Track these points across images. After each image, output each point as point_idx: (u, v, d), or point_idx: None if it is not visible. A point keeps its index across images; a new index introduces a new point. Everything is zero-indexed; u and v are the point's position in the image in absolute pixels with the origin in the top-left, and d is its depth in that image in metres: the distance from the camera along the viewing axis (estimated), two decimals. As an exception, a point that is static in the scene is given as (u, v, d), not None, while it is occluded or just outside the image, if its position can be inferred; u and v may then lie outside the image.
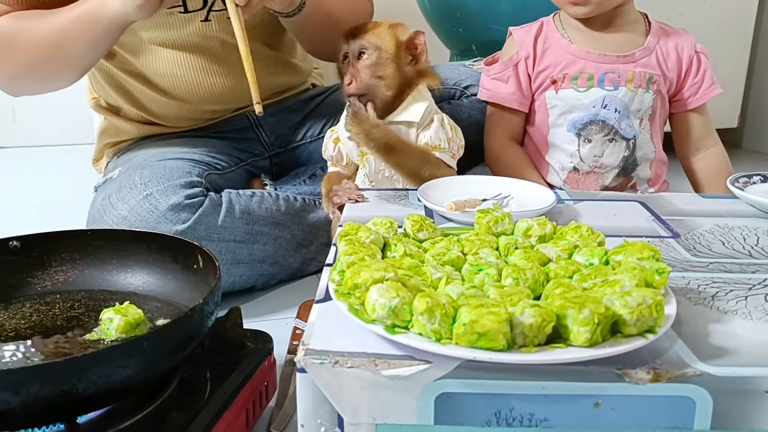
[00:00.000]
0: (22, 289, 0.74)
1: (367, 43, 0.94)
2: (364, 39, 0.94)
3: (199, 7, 1.07)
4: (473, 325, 0.48)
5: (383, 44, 0.94)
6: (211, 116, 1.23)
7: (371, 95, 0.94)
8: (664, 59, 1.06)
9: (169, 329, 0.57)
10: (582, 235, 0.67)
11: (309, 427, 0.54)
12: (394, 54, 0.94)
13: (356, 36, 0.95)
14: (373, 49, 0.93)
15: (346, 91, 0.95)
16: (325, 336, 0.56)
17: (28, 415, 0.50)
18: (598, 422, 0.52)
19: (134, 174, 0.98)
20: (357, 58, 0.95)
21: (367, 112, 0.92)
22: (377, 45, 0.94)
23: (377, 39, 0.94)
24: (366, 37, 0.94)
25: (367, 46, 0.94)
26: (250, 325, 0.75)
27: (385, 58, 0.93)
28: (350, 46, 0.95)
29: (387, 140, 0.91)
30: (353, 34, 0.95)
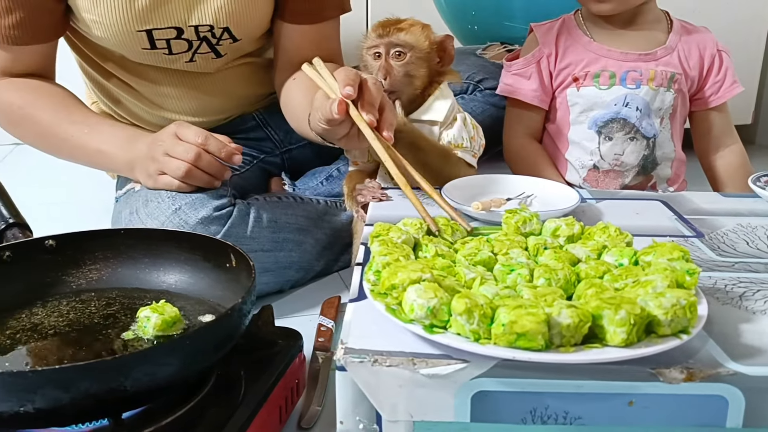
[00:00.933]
0: (58, 287, 0.75)
1: (403, 42, 0.94)
2: (399, 37, 0.94)
3: (183, 50, 1.07)
4: (512, 326, 0.49)
5: (418, 44, 0.94)
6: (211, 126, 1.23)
7: (399, 93, 0.94)
8: (686, 58, 1.06)
9: (211, 328, 0.58)
10: (610, 235, 0.68)
11: (348, 424, 0.56)
12: (426, 55, 0.95)
13: (390, 33, 0.94)
14: (408, 49, 0.94)
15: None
16: (362, 335, 0.57)
17: (77, 411, 0.52)
18: (632, 420, 0.54)
19: None
20: (392, 56, 0.94)
21: (395, 110, 0.93)
22: (412, 45, 0.94)
23: (413, 39, 0.94)
24: (401, 36, 0.94)
25: (403, 44, 0.94)
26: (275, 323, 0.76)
27: (417, 58, 0.94)
28: (384, 42, 0.94)
29: (413, 139, 0.92)
30: (387, 31, 0.95)
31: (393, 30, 0.94)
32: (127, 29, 1.01)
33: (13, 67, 1.03)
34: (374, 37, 0.95)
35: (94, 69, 1.15)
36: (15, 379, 0.48)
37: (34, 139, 1.07)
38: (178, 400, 0.60)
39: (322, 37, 1.11)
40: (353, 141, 0.86)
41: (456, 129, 0.97)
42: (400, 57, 0.94)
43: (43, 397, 0.49)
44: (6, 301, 0.71)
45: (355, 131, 0.84)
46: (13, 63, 1.03)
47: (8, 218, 0.78)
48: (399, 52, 0.94)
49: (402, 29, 0.94)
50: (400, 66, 0.94)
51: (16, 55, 1.02)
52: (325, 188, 1.24)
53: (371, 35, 0.96)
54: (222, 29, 1.06)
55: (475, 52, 1.34)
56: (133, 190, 1.02)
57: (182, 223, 0.93)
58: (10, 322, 0.69)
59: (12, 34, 0.98)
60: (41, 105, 1.03)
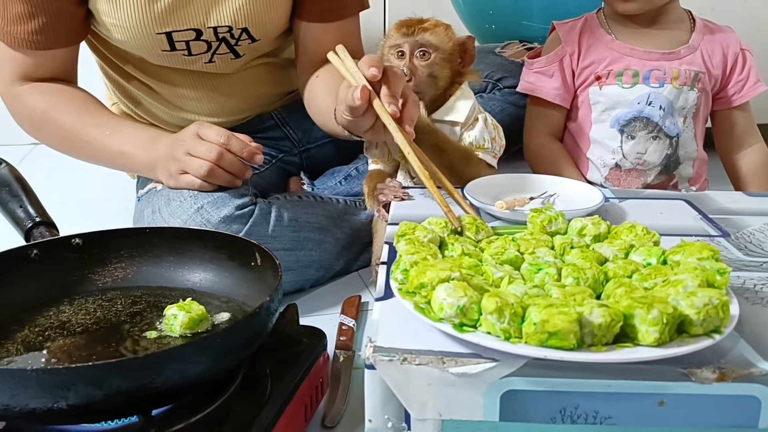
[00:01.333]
0: (84, 285, 0.76)
1: (428, 42, 0.93)
2: (424, 37, 0.93)
3: (202, 51, 1.07)
4: (544, 325, 0.49)
5: (442, 45, 0.94)
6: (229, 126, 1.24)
7: (422, 93, 0.94)
8: (709, 56, 1.06)
9: (240, 326, 0.58)
10: (637, 234, 0.67)
11: (377, 422, 0.56)
12: (450, 56, 0.94)
13: (416, 33, 0.94)
14: (433, 49, 0.93)
15: None
16: (390, 333, 0.57)
17: (109, 408, 0.52)
18: (662, 420, 0.53)
19: None
20: (416, 56, 0.94)
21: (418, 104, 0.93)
22: (437, 45, 0.93)
23: (437, 39, 0.94)
24: (427, 36, 0.93)
25: (428, 45, 0.93)
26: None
27: (441, 59, 0.94)
28: (409, 41, 0.94)
29: (437, 141, 0.92)
30: (412, 30, 0.94)
31: (418, 30, 0.94)
32: (147, 32, 1.02)
33: (35, 71, 1.04)
34: (398, 35, 0.94)
35: (114, 71, 1.16)
36: (49, 375, 0.49)
37: (57, 142, 1.08)
38: (205, 398, 0.61)
39: (342, 35, 1.11)
40: (379, 133, 0.85)
41: (477, 130, 0.96)
42: (425, 57, 0.93)
43: (76, 393, 0.50)
44: (34, 298, 0.72)
45: (380, 124, 0.83)
46: (36, 68, 1.04)
47: (35, 217, 0.78)
48: (424, 52, 0.93)
49: (427, 29, 0.94)
50: (424, 66, 0.93)
51: (39, 60, 1.03)
52: (343, 188, 1.24)
53: (394, 33, 0.95)
54: (240, 30, 1.06)
55: (494, 51, 1.34)
56: (154, 190, 1.03)
57: (204, 222, 0.93)
58: (39, 319, 0.70)
59: (35, 39, 0.99)
60: (64, 109, 1.04)
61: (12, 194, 0.80)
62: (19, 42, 1.00)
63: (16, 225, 0.79)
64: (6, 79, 1.05)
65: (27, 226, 0.78)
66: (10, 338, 0.66)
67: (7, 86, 1.06)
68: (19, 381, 0.49)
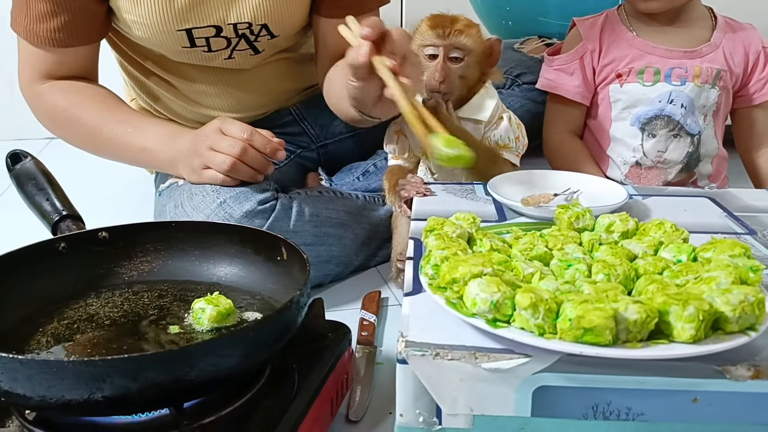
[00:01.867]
0: (110, 278, 0.76)
1: (462, 45, 0.93)
2: (459, 41, 0.93)
3: (222, 47, 1.08)
4: (580, 321, 0.49)
5: (474, 48, 0.93)
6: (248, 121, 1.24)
7: (450, 94, 0.94)
8: (730, 54, 1.05)
9: (272, 320, 0.58)
10: (666, 231, 0.67)
11: (408, 417, 0.56)
12: (480, 58, 0.94)
13: (451, 35, 0.93)
14: (467, 53, 0.93)
15: (431, 87, 0.94)
16: (421, 328, 0.57)
17: (143, 400, 0.52)
18: (695, 417, 0.53)
19: None
20: (450, 60, 0.93)
21: (447, 111, 0.93)
22: (470, 48, 0.93)
23: (471, 42, 0.93)
24: (461, 39, 0.93)
25: (462, 48, 0.93)
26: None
27: (473, 61, 0.93)
28: (444, 44, 0.93)
29: (464, 141, 0.91)
30: (446, 32, 0.93)
31: (453, 32, 0.93)
32: (168, 29, 1.02)
33: (57, 69, 1.05)
34: (432, 36, 0.93)
35: (133, 67, 1.16)
36: (86, 367, 0.49)
37: (79, 140, 1.09)
38: (234, 392, 0.61)
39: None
40: (387, 107, 0.84)
41: (503, 129, 0.96)
42: (458, 61, 0.93)
43: (112, 385, 0.50)
44: (62, 291, 0.72)
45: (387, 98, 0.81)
46: (58, 66, 1.04)
47: (62, 210, 0.79)
48: (457, 57, 0.93)
49: (461, 32, 0.93)
50: (457, 69, 0.93)
51: (61, 58, 1.04)
52: (361, 183, 1.24)
53: (427, 33, 0.94)
54: (260, 26, 1.06)
55: (513, 47, 1.34)
56: (176, 184, 1.03)
57: (227, 216, 0.94)
58: (67, 312, 0.70)
59: (57, 36, 1.00)
60: (86, 107, 1.05)
61: (38, 187, 0.80)
62: (42, 40, 1.00)
63: (43, 218, 0.79)
64: (28, 77, 1.06)
65: (54, 220, 0.78)
66: (39, 330, 0.66)
67: (29, 84, 1.06)
68: (56, 372, 0.49)
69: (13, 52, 1.06)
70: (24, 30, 1.01)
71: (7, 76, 1.85)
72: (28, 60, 1.05)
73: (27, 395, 0.51)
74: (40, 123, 1.11)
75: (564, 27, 1.31)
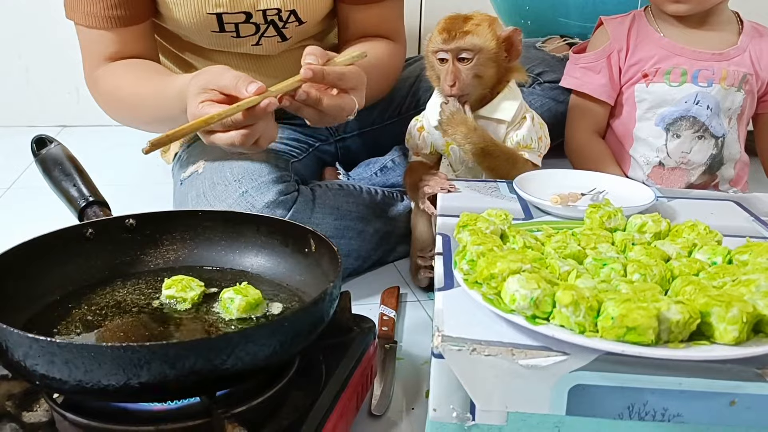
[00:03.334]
0: (136, 266, 0.76)
1: (470, 45, 0.91)
2: (466, 41, 0.91)
3: (251, 33, 1.08)
4: (623, 319, 0.49)
5: (485, 45, 0.91)
6: None
7: (468, 95, 0.93)
8: (757, 59, 1.05)
9: (307, 311, 0.58)
10: (699, 233, 0.67)
11: (441, 412, 0.55)
12: (494, 54, 0.92)
13: (456, 38, 0.91)
14: (476, 51, 0.91)
15: (446, 92, 0.93)
16: (457, 324, 0.57)
17: (178, 387, 0.52)
18: (732, 420, 0.53)
19: (224, 169, 0.99)
20: (459, 60, 0.92)
21: (465, 114, 0.92)
22: (480, 46, 0.91)
23: (480, 40, 0.91)
24: (468, 38, 0.91)
25: (470, 48, 0.91)
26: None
27: (485, 59, 0.92)
28: (451, 47, 0.91)
29: (484, 145, 0.91)
30: (453, 34, 0.91)
31: (458, 34, 0.91)
32: (198, 10, 1.03)
33: (117, 51, 1.05)
34: (439, 41, 0.92)
35: (161, 52, 1.16)
36: (125, 352, 0.49)
37: (129, 117, 1.08)
38: (264, 383, 0.60)
39: (383, 18, 1.11)
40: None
41: (525, 129, 0.96)
42: (467, 61, 0.92)
43: (149, 371, 0.50)
44: (89, 277, 0.72)
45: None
46: (118, 47, 1.04)
47: (88, 196, 0.78)
48: (465, 57, 0.91)
49: (468, 31, 0.91)
50: (467, 69, 0.92)
51: (120, 38, 1.04)
52: (379, 179, 1.24)
53: (436, 38, 0.93)
54: (289, 12, 1.07)
55: (535, 45, 1.33)
56: (197, 173, 1.03)
57: (249, 207, 0.93)
58: (95, 298, 0.70)
59: (113, 14, 1.01)
60: (127, 82, 1.04)
61: (65, 173, 0.80)
62: (99, 20, 1.01)
63: (70, 204, 0.79)
64: (89, 68, 1.07)
65: (81, 206, 0.78)
66: (67, 316, 0.66)
67: (90, 75, 1.07)
68: (94, 357, 0.49)
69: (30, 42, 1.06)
70: (82, 15, 1.02)
71: (24, 65, 1.85)
72: (88, 50, 1.06)
73: (63, 379, 0.50)
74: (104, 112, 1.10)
75: (584, 27, 1.31)
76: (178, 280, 0.69)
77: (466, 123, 0.92)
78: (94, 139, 1.90)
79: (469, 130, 0.91)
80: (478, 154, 0.93)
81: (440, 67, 0.94)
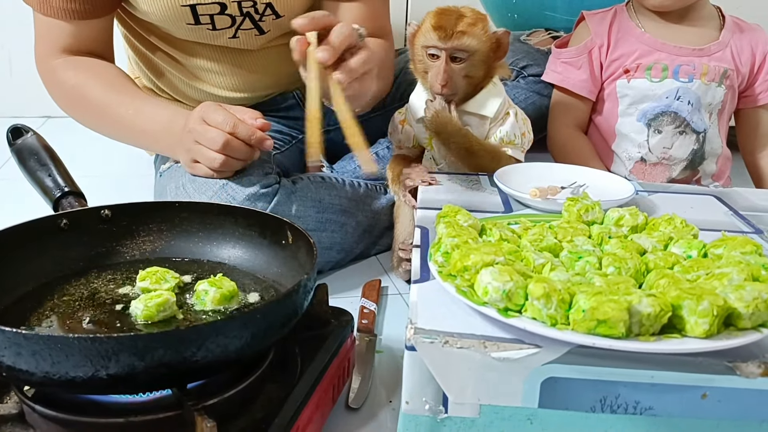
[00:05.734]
0: (112, 257, 0.75)
1: (465, 46, 0.90)
2: (463, 42, 0.89)
3: (227, 26, 1.06)
4: (594, 312, 0.49)
5: (479, 47, 0.90)
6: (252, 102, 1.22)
7: (455, 94, 0.93)
8: (738, 54, 1.05)
9: (280, 303, 0.58)
10: (676, 227, 0.67)
11: (414, 404, 0.55)
12: (486, 55, 0.91)
13: (454, 36, 0.89)
14: (471, 53, 0.90)
15: (435, 90, 0.92)
16: (430, 316, 0.56)
17: (148, 379, 0.52)
18: (704, 413, 0.53)
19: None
20: (452, 59, 0.91)
21: (450, 114, 0.91)
22: (475, 48, 0.90)
23: (475, 41, 0.90)
24: (464, 39, 0.89)
25: (465, 49, 0.90)
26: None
27: (478, 60, 0.91)
28: (447, 46, 0.90)
29: (468, 145, 0.91)
30: (449, 33, 0.90)
31: (455, 34, 0.89)
32: (172, 4, 1.01)
33: (72, 44, 1.03)
34: (434, 38, 0.90)
35: (139, 42, 1.15)
36: (92, 344, 0.48)
37: (85, 118, 1.08)
38: (237, 375, 0.60)
39: (368, 16, 1.09)
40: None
41: (509, 125, 0.96)
42: (461, 61, 0.91)
43: (118, 363, 0.49)
44: (63, 268, 0.71)
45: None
46: (73, 40, 1.03)
47: (64, 187, 0.78)
48: (460, 58, 0.90)
49: (464, 32, 0.89)
50: (460, 69, 0.91)
51: (74, 31, 1.02)
52: (363, 172, 1.23)
53: (429, 34, 0.91)
54: (265, 5, 1.05)
55: (519, 38, 1.32)
56: (177, 165, 1.02)
57: (229, 199, 0.93)
58: (68, 289, 0.69)
59: (69, 7, 0.99)
60: (93, 85, 1.03)
61: (40, 163, 0.79)
62: (55, 11, 0.99)
63: (45, 194, 0.78)
64: (43, 52, 1.05)
65: (56, 196, 0.77)
66: (41, 307, 0.65)
67: (44, 60, 1.05)
68: (61, 348, 0.48)
69: (13, 32, 1.05)
70: (37, 1, 1.00)
71: (7, 54, 1.83)
72: (42, 35, 1.04)
73: (30, 371, 0.50)
74: (53, 100, 1.09)
75: (571, 22, 1.30)
76: (153, 272, 0.68)
77: (450, 122, 0.91)
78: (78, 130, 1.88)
79: (454, 130, 0.91)
80: (462, 153, 0.93)
81: (430, 63, 0.93)
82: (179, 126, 0.97)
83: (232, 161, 0.91)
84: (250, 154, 0.93)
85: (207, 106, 0.91)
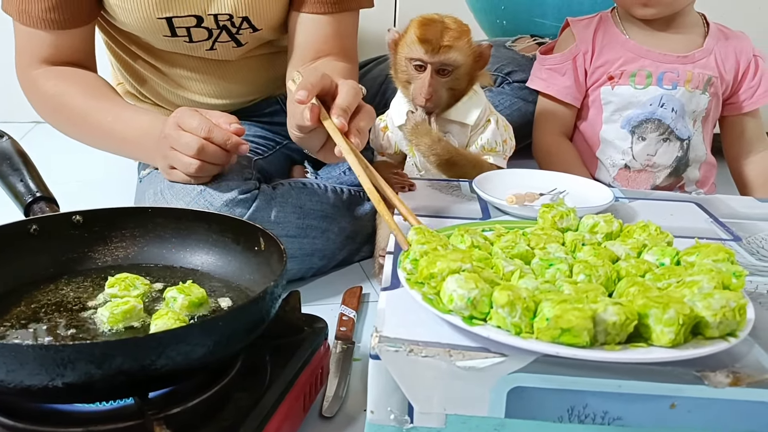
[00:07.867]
0: (84, 263, 0.74)
1: (452, 60, 0.90)
2: (448, 56, 0.90)
3: (204, 38, 1.06)
4: (557, 320, 0.48)
5: (465, 61, 0.91)
6: (235, 108, 1.21)
7: (438, 105, 0.92)
8: (722, 61, 1.05)
9: (243, 310, 0.57)
10: (650, 234, 0.66)
11: (378, 414, 0.54)
12: (470, 68, 0.92)
13: (440, 51, 0.90)
14: (456, 66, 0.90)
15: (418, 102, 0.92)
16: (397, 324, 0.56)
17: (106, 388, 0.51)
18: (673, 423, 0.52)
19: None
20: (438, 73, 0.91)
21: (429, 125, 0.91)
22: (461, 62, 0.90)
23: (461, 55, 0.90)
24: (450, 54, 0.90)
25: (452, 63, 0.90)
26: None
27: (462, 73, 0.91)
28: (433, 60, 0.90)
29: (449, 156, 0.91)
30: (436, 47, 0.90)
31: (442, 48, 0.90)
32: (148, 15, 1.01)
33: (52, 54, 1.03)
34: (420, 51, 0.90)
35: (121, 50, 1.15)
36: (47, 352, 0.47)
37: (67, 127, 1.07)
38: (204, 383, 0.59)
39: (337, 33, 1.08)
40: (330, 155, 0.82)
41: (490, 133, 0.95)
42: (447, 74, 0.91)
43: (74, 371, 0.48)
44: (33, 274, 0.71)
45: (332, 144, 0.79)
46: (53, 50, 1.02)
47: (35, 192, 0.77)
48: (446, 71, 0.91)
49: (450, 46, 0.90)
50: (444, 82, 0.91)
51: (55, 41, 1.02)
52: (347, 178, 1.22)
53: (415, 46, 0.91)
54: (241, 18, 1.05)
55: (504, 44, 1.32)
56: (156, 171, 1.02)
57: (207, 205, 0.92)
58: (37, 295, 0.68)
59: (49, 17, 0.98)
60: (74, 94, 1.02)
61: (13, 168, 0.78)
62: (34, 20, 0.99)
63: (16, 199, 0.77)
64: (24, 62, 1.04)
65: (27, 201, 0.76)
66: (6, 313, 0.65)
67: (25, 70, 1.05)
68: (15, 357, 0.47)
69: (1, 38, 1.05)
70: (16, 11, 1.00)
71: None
72: (23, 45, 1.04)
73: (-14, 379, 0.49)
74: (34, 109, 1.09)
75: (559, 28, 1.30)
76: (122, 279, 0.67)
77: (430, 134, 0.91)
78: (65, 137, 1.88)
79: (434, 142, 0.91)
80: (443, 164, 0.93)
81: (414, 74, 0.93)
82: (158, 132, 0.96)
83: (208, 166, 0.90)
84: (226, 159, 0.92)
85: (182, 111, 0.90)
